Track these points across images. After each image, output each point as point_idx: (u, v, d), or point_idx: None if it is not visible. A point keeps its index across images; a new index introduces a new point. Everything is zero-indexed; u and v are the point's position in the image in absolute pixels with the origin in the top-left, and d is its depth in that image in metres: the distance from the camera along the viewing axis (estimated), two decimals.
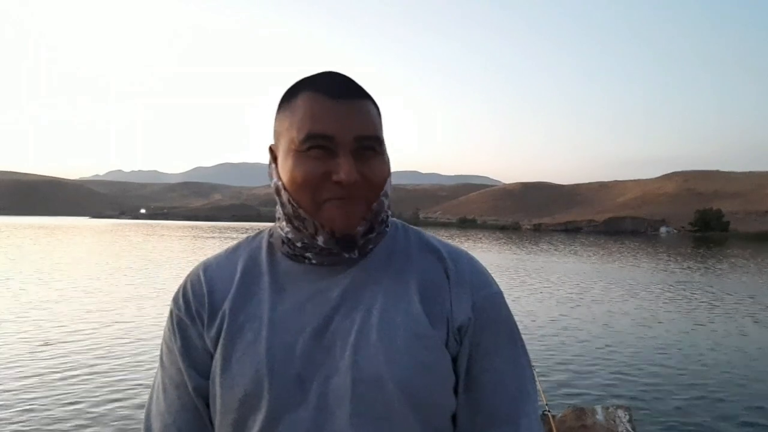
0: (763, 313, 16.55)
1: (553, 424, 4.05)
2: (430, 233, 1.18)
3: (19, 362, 8.97)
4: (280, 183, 1.04)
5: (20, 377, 8.14)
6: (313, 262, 1.05)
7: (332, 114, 0.99)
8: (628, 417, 4.17)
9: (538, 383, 4.59)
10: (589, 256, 48.22)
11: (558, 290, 21.10)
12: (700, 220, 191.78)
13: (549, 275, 27.43)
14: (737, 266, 38.40)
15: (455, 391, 1.05)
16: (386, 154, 1.06)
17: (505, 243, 73.20)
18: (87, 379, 8.12)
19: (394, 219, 1.15)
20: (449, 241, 1.15)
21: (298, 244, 1.05)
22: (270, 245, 1.11)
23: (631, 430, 4.10)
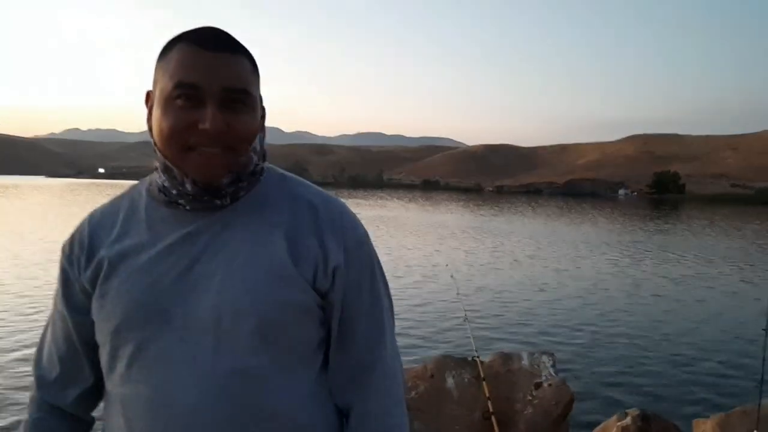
0: (706, 273, 17.24)
1: (480, 369, 4.25)
2: (309, 182, 1.24)
3: None
4: (151, 134, 1.09)
5: None
6: (187, 208, 1.11)
7: (201, 64, 1.02)
8: (552, 362, 4.39)
9: (470, 331, 4.81)
10: (548, 216, 49.10)
11: (512, 250, 21.63)
12: (657, 182, 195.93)
13: (506, 236, 27.96)
14: (689, 227, 39.61)
15: (326, 324, 1.15)
16: (258, 110, 1.11)
17: (467, 205, 73.89)
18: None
19: (274, 167, 1.22)
20: (322, 190, 1.21)
21: (173, 192, 1.10)
22: (149, 192, 1.17)
23: (554, 374, 4.31)
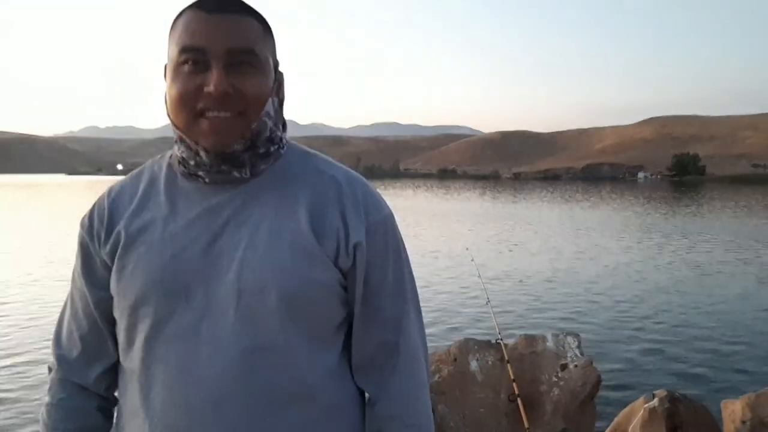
0: (731, 254, 16.99)
1: (504, 352, 4.18)
2: (331, 160, 1.20)
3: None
4: (166, 105, 1.06)
5: None
6: (206, 180, 1.08)
7: (205, 27, 1.00)
8: (577, 343, 4.31)
9: (492, 315, 4.75)
10: (567, 201, 48.76)
11: (531, 234, 21.54)
12: (677, 164, 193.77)
13: (525, 221, 27.81)
14: (711, 209, 39.12)
15: (347, 303, 1.12)
16: (270, 73, 1.07)
17: (484, 192, 73.63)
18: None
19: (297, 144, 1.18)
20: (346, 167, 1.18)
21: (191, 163, 1.07)
22: (170, 166, 1.14)
23: (579, 354, 4.23)
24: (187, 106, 1.01)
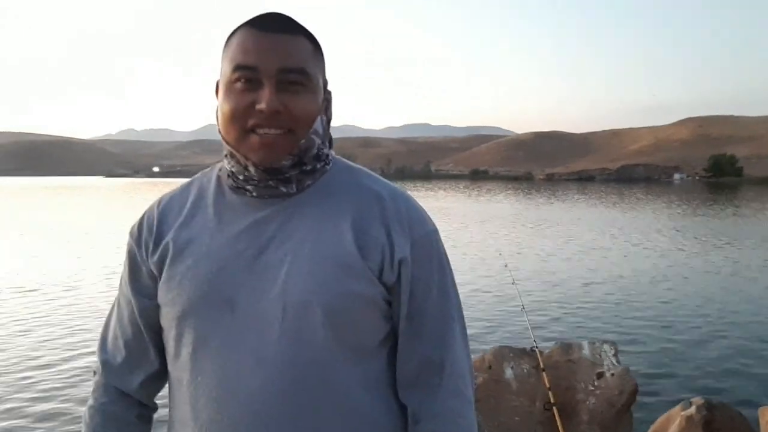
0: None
1: (540, 359, 4.20)
2: (378, 177, 1.22)
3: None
4: (217, 120, 1.09)
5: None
6: (254, 194, 1.10)
7: (258, 46, 1.03)
8: (613, 351, 4.30)
9: (527, 321, 4.76)
10: (601, 203, 48.16)
11: (565, 238, 21.27)
12: (713, 165, 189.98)
13: (559, 224, 27.55)
14: (750, 212, 38.27)
15: (391, 318, 1.13)
16: (319, 92, 1.10)
17: (517, 194, 73.09)
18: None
19: (341, 158, 1.21)
20: (390, 182, 1.19)
21: (240, 177, 1.10)
22: (218, 179, 1.17)
23: (616, 363, 4.22)
24: (239, 122, 1.04)
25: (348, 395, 1.08)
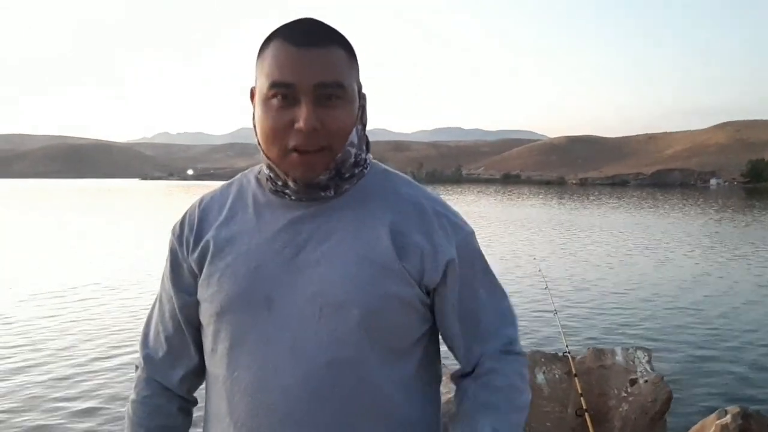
0: None
1: (572, 365, 4.17)
2: (428, 188, 1.25)
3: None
4: (256, 135, 1.12)
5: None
6: (293, 198, 1.14)
7: (294, 62, 1.04)
8: (647, 358, 4.25)
9: (559, 326, 4.74)
10: (636, 208, 47.47)
11: (599, 243, 21.03)
12: (751, 170, 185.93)
13: (592, 229, 27.23)
14: None
15: (427, 320, 1.17)
16: (355, 101, 1.12)
17: (550, 198, 72.42)
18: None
19: (377, 162, 1.24)
20: (425, 187, 1.23)
21: (279, 182, 1.13)
22: (258, 180, 1.21)
23: (650, 370, 4.18)
24: (280, 142, 1.06)
25: (382, 394, 1.10)
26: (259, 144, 1.11)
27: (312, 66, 1.04)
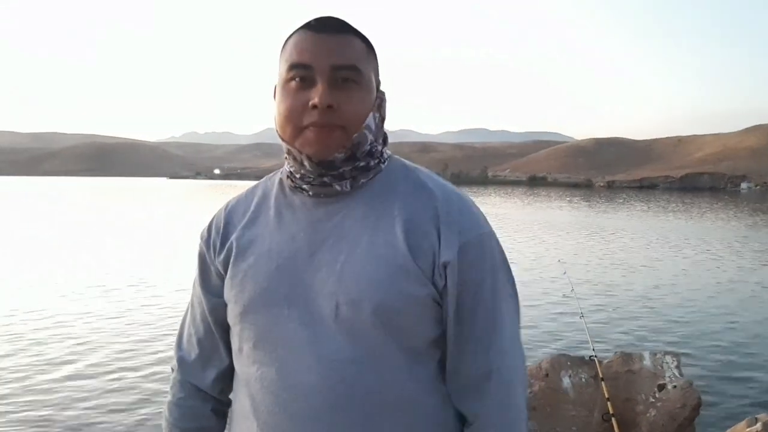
0: None
1: (599, 369, 4.12)
2: (428, 173, 1.22)
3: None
4: (275, 120, 1.14)
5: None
6: (310, 193, 1.14)
7: (312, 46, 1.07)
8: (676, 363, 4.17)
9: (586, 329, 4.67)
10: (664, 212, 46.85)
11: (626, 246, 20.80)
12: None
13: (620, 232, 26.95)
14: None
15: (440, 323, 1.12)
16: (372, 91, 1.13)
17: (577, 201, 71.82)
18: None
19: (398, 157, 1.23)
20: (447, 182, 1.19)
21: (297, 176, 1.14)
22: (281, 182, 1.22)
23: (678, 375, 4.10)
24: (295, 120, 1.08)
25: (404, 392, 1.10)
26: (277, 131, 1.13)
27: (329, 49, 1.07)
